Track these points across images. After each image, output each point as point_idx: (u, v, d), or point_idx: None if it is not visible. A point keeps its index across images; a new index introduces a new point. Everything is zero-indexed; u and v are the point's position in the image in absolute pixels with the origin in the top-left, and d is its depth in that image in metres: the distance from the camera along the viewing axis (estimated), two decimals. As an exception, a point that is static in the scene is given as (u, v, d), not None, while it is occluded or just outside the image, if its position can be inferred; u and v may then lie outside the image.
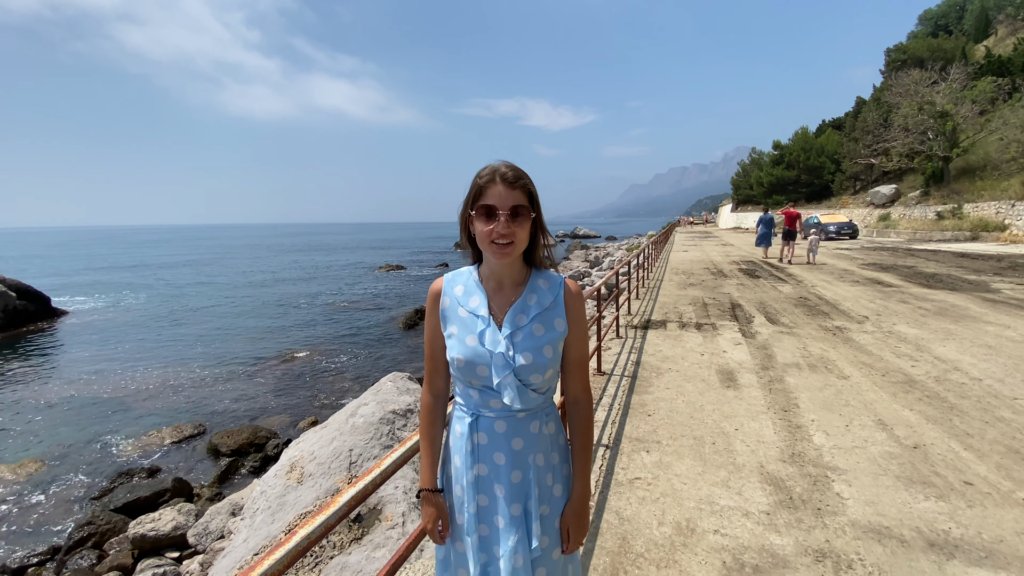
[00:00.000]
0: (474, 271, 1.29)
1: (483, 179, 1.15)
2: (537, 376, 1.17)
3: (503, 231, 1.11)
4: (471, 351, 1.18)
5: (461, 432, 1.24)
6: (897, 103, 29.02)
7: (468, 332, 1.20)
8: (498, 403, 1.19)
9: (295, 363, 11.90)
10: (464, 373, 1.20)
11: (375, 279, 29.25)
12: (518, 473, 1.20)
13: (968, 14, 45.71)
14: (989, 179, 23.36)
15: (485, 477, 1.22)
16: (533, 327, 1.19)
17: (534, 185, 1.18)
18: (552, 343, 1.19)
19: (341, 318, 17.49)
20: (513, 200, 1.12)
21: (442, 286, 1.28)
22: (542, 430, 1.23)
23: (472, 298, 1.24)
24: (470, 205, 1.18)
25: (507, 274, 1.23)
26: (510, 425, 1.20)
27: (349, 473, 3.80)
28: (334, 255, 51.18)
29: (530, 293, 1.23)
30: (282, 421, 8.41)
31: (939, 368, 4.69)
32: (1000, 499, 2.57)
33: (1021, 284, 9.27)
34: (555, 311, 1.21)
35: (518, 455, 1.20)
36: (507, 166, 1.16)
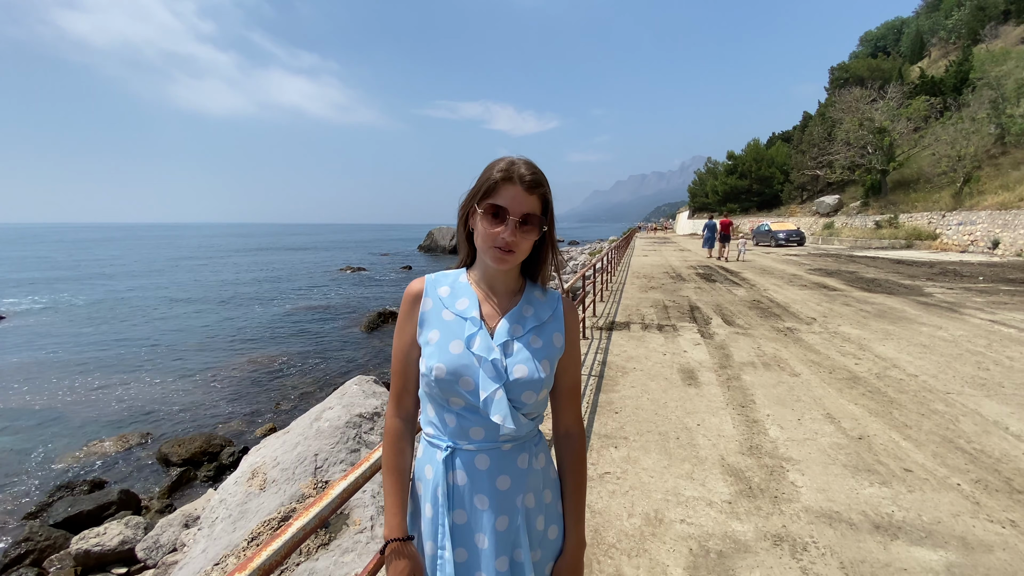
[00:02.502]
0: (462, 274, 1.13)
1: (498, 174, 1.00)
2: (531, 395, 1.01)
3: (509, 238, 0.97)
4: (455, 360, 1.00)
5: (433, 472, 1.03)
6: (840, 119, 30.82)
7: (453, 337, 1.03)
8: (479, 432, 1.00)
9: (251, 368, 11.47)
10: (443, 388, 1.00)
11: (336, 281, 28.57)
12: (504, 519, 1.00)
13: (905, 37, 49.11)
14: (922, 191, 25.13)
15: (464, 526, 1.01)
16: (530, 338, 1.04)
17: (551, 194, 1.05)
18: (550, 359, 1.05)
19: (300, 321, 17.00)
20: (527, 207, 0.99)
21: (423, 286, 1.10)
22: (532, 464, 1.05)
23: (460, 300, 1.08)
24: (477, 199, 1.02)
25: (502, 281, 1.09)
26: (494, 460, 1.01)
27: (315, 479, 3.71)
28: (293, 256, 49.68)
29: (526, 304, 1.09)
30: (238, 428, 8.09)
31: (880, 366, 5.02)
32: (937, 484, 2.79)
33: (951, 289, 10.02)
34: (554, 325, 1.08)
35: (504, 497, 1.01)
36: (527, 166, 1.01)
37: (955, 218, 20.56)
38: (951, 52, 39.49)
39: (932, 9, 48.01)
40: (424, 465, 1.06)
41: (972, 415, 3.74)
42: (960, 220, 20.20)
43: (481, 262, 1.09)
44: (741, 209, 45.86)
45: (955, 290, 9.81)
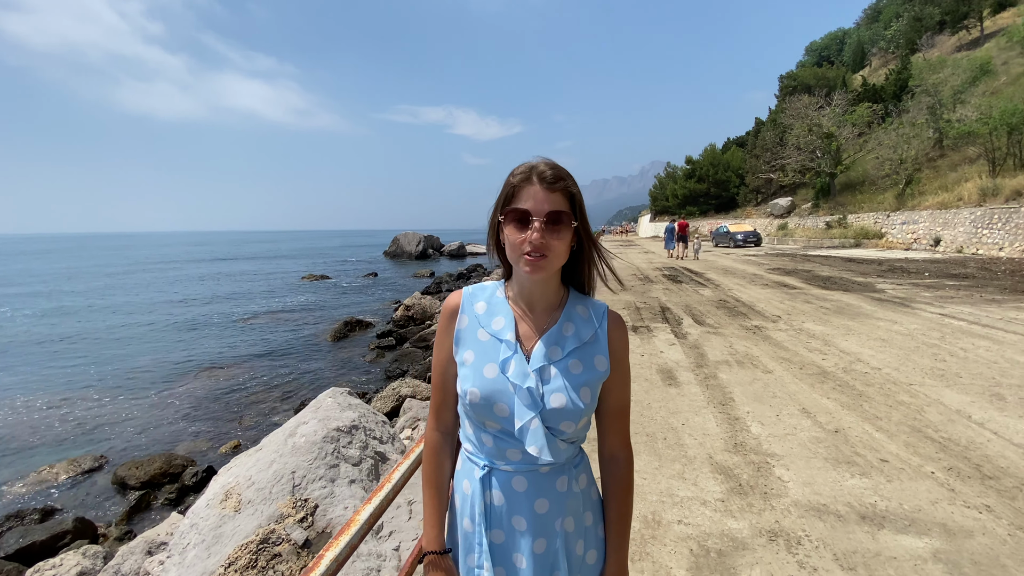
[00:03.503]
0: (500, 287, 1.09)
1: (517, 178, 0.97)
2: (569, 424, 0.96)
3: (537, 241, 0.92)
4: (489, 384, 0.97)
5: (471, 489, 1.02)
6: (790, 124, 32.24)
7: (487, 360, 0.99)
8: (517, 453, 0.97)
9: (209, 383, 10.96)
10: (478, 411, 0.98)
11: (298, 290, 27.71)
12: (542, 542, 0.98)
13: (847, 47, 51.95)
14: (868, 193, 26.54)
15: (501, 545, 0.99)
16: (569, 363, 0.98)
17: (578, 188, 0.99)
18: (591, 385, 0.98)
19: (261, 333, 16.38)
20: (551, 204, 0.93)
21: (460, 301, 1.07)
22: (571, 487, 1.01)
23: (496, 319, 1.03)
24: (500, 209, 0.99)
25: (540, 294, 1.03)
26: (532, 482, 0.98)
27: (293, 497, 3.55)
28: (252, 265, 47.89)
29: (566, 321, 1.02)
30: (199, 447, 7.70)
31: (845, 360, 5.23)
32: (913, 473, 2.90)
33: (900, 284, 10.58)
34: (596, 346, 1.01)
35: (542, 520, 0.98)
36: (546, 164, 0.97)
37: (899, 218, 21.78)
38: (890, 61, 42.02)
39: (872, 20, 51.03)
40: (463, 479, 1.04)
41: (936, 405, 3.93)
42: (903, 220, 21.42)
43: (517, 275, 1.04)
44: (700, 212, 47.29)
45: (904, 286, 10.36)
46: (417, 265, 40.67)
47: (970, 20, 35.12)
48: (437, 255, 48.80)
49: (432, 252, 48.07)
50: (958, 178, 20.68)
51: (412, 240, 47.90)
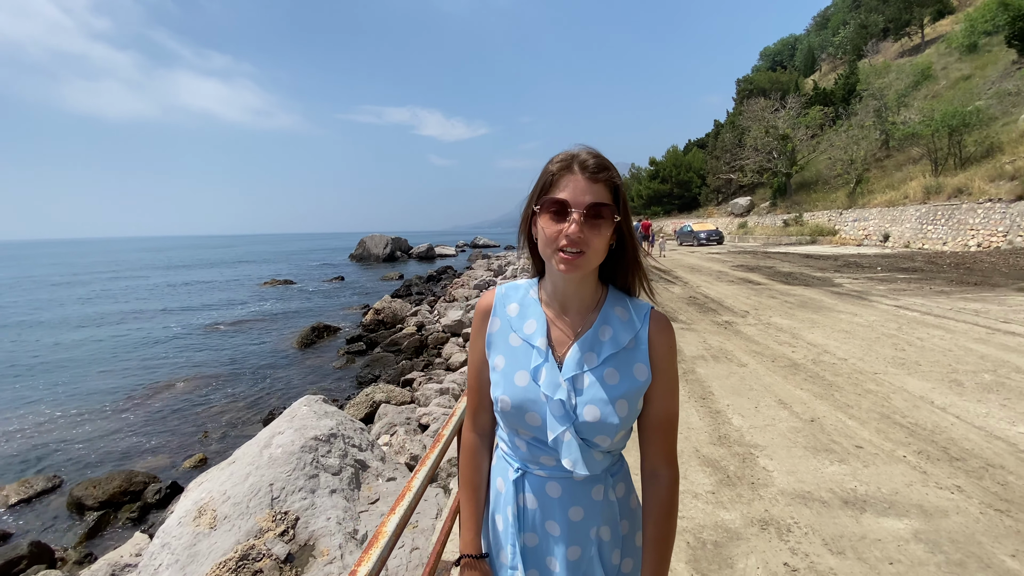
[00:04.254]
0: (533, 286, 1.01)
1: (556, 166, 0.90)
2: (605, 438, 0.90)
3: (574, 235, 0.84)
4: (520, 393, 0.91)
5: (505, 488, 0.98)
6: (748, 127, 33.38)
7: (518, 367, 0.94)
8: (551, 460, 0.93)
9: (170, 395, 10.46)
10: (509, 419, 0.94)
11: (260, 295, 26.81)
12: (576, 549, 0.93)
13: (798, 52, 54.23)
14: (821, 192, 27.75)
15: (535, 548, 0.96)
16: (605, 371, 0.91)
17: (622, 181, 0.91)
18: (629, 398, 0.90)
19: (223, 342, 15.76)
20: (593, 196, 0.85)
21: (492, 301, 1.01)
22: (608, 496, 0.95)
23: (528, 322, 0.97)
24: (536, 199, 0.91)
25: (575, 294, 0.95)
26: (566, 489, 0.93)
27: (273, 510, 3.41)
28: (211, 271, 46.03)
29: (603, 325, 0.94)
30: (161, 462, 7.34)
31: (813, 352, 5.42)
32: (887, 458, 3.03)
33: (856, 279, 11.08)
34: (635, 353, 0.92)
35: (576, 527, 0.93)
36: (589, 152, 0.90)
37: (851, 215, 22.85)
38: (839, 66, 44.08)
39: (821, 27, 53.42)
40: (497, 476, 1.02)
41: (900, 392, 4.12)
42: (855, 217, 22.48)
43: (551, 273, 0.96)
44: (664, 211, 48.39)
45: (860, 280, 10.86)
46: (385, 268, 40.01)
47: (912, 27, 37.24)
48: (405, 257, 48.17)
49: (400, 254, 47.42)
50: (904, 177, 21.86)
51: (379, 242, 47.13)
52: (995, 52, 24.75)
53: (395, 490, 4.38)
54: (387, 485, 4.40)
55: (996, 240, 14.94)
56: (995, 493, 2.61)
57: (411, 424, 6.85)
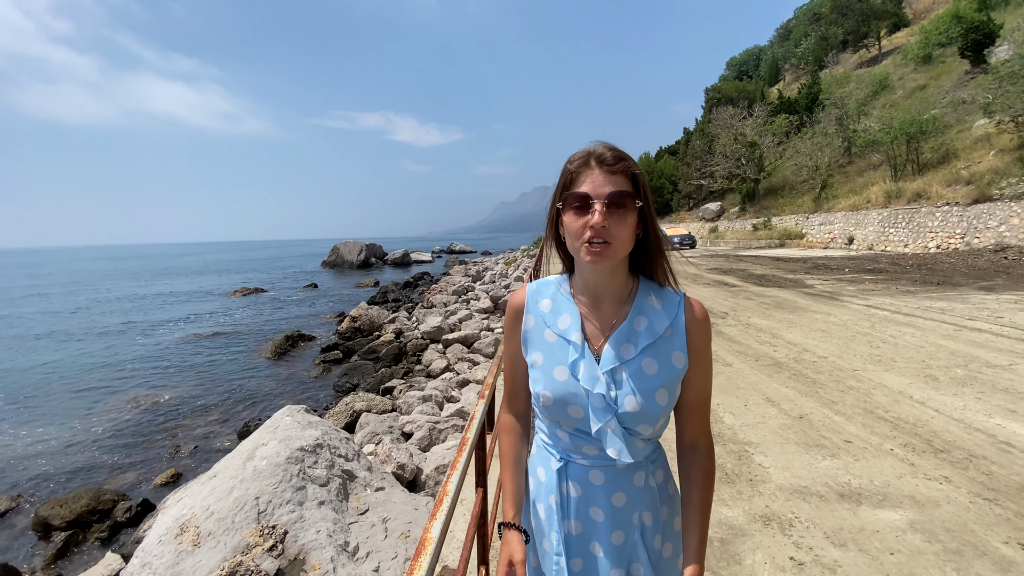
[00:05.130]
0: (564, 281, 1.03)
1: (575, 164, 0.92)
2: (647, 427, 0.92)
3: (599, 225, 0.86)
4: (561, 387, 0.94)
5: (547, 478, 1.00)
6: (717, 134, 34.26)
7: (557, 362, 0.96)
8: (593, 449, 0.95)
9: (136, 409, 10.03)
10: (551, 413, 0.96)
11: (231, 305, 26.03)
12: (620, 534, 0.96)
13: (763, 63, 56.00)
14: (788, 197, 28.62)
15: (579, 536, 0.98)
16: (643, 362, 0.93)
17: (641, 169, 0.94)
18: (668, 386, 0.92)
19: (193, 353, 15.21)
20: (612, 185, 0.88)
21: (524, 299, 1.03)
22: (648, 482, 0.98)
23: (562, 317, 0.99)
24: (558, 197, 0.94)
25: (606, 286, 0.96)
26: (609, 477, 0.96)
27: (260, 524, 3.27)
28: (176, 280, 44.46)
29: (638, 315, 0.95)
30: (131, 479, 7.01)
31: (794, 351, 5.55)
32: (875, 451, 3.10)
33: (826, 280, 11.44)
34: (673, 341, 0.94)
35: (620, 513, 0.96)
36: (604, 146, 0.92)
37: (817, 219, 23.63)
38: (801, 76, 45.69)
39: (783, 39, 55.31)
40: (537, 465, 1.04)
41: (880, 388, 4.24)
42: (821, 221, 23.25)
43: (580, 267, 0.98)
44: (638, 216, 49.09)
45: (830, 281, 11.21)
46: (359, 275, 39.40)
47: (869, 39, 38.94)
48: (381, 264, 47.58)
49: (375, 261, 46.82)
50: (865, 183, 22.74)
51: (353, 249, 46.45)
52: (948, 63, 26.07)
53: (384, 499, 4.28)
54: (375, 495, 4.29)
55: (954, 242, 15.65)
56: (981, 483, 2.69)
57: (394, 433, 6.72)
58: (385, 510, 4.08)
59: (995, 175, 15.69)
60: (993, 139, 17.71)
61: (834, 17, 41.10)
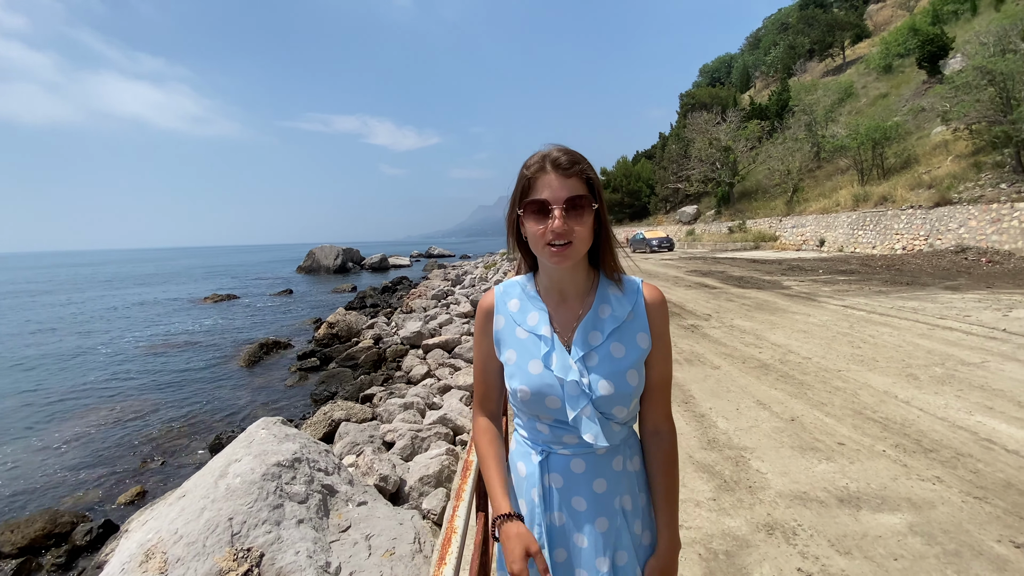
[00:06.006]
0: (529, 281, 1.08)
1: (531, 169, 0.96)
2: (621, 408, 0.97)
3: (559, 229, 0.91)
4: (537, 380, 0.98)
5: (528, 473, 1.03)
6: (693, 139, 34.88)
7: (530, 357, 1.00)
8: (573, 438, 0.99)
9: (100, 423, 9.53)
10: (530, 406, 1.00)
11: (202, 312, 25.17)
12: (603, 521, 0.99)
13: (734, 70, 57.35)
14: (762, 200, 29.27)
15: (561, 528, 1.00)
16: (611, 346, 0.98)
17: (595, 171, 0.99)
18: (636, 366, 0.98)
19: (160, 362, 14.61)
20: (569, 190, 0.93)
21: (493, 301, 1.08)
22: (627, 466, 1.02)
23: (530, 314, 1.04)
24: (517, 202, 0.98)
25: (570, 281, 1.02)
26: (590, 464, 1.00)
27: (234, 548, 3.07)
28: (144, 287, 42.80)
29: (601, 304, 1.02)
30: (91, 499, 6.62)
31: (779, 352, 5.57)
32: (868, 453, 3.08)
33: (802, 281, 11.65)
34: (635, 323, 1.01)
35: (601, 499, 1.00)
36: (559, 150, 0.96)
37: (789, 222, 24.19)
38: (771, 83, 46.92)
39: (753, 47, 56.79)
40: (517, 461, 1.07)
41: (866, 388, 4.27)
42: (793, 224, 23.82)
43: (544, 266, 1.03)
44: (616, 220, 49.60)
45: (806, 282, 11.42)
46: (336, 280, 38.70)
47: (834, 49, 40.27)
48: (358, 268, 46.85)
49: (352, 266, 46.09)
50: (834, 186, 23.40)
51: (329, 254, 45.62)
52: (908, 73, 27.10)
53: (367, 515, 4.09)
54: (358, 510, 4.10)
55: (919, 243, 16.18)
56: (970, 481, 2.69)
57: (375, 442, 6.52)
58: (368, 526, 3.90)
59: (953, 179, 16.32)
60: (950, 145, 18.44)
61: (801, 27, 42.40)
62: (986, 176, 15.33)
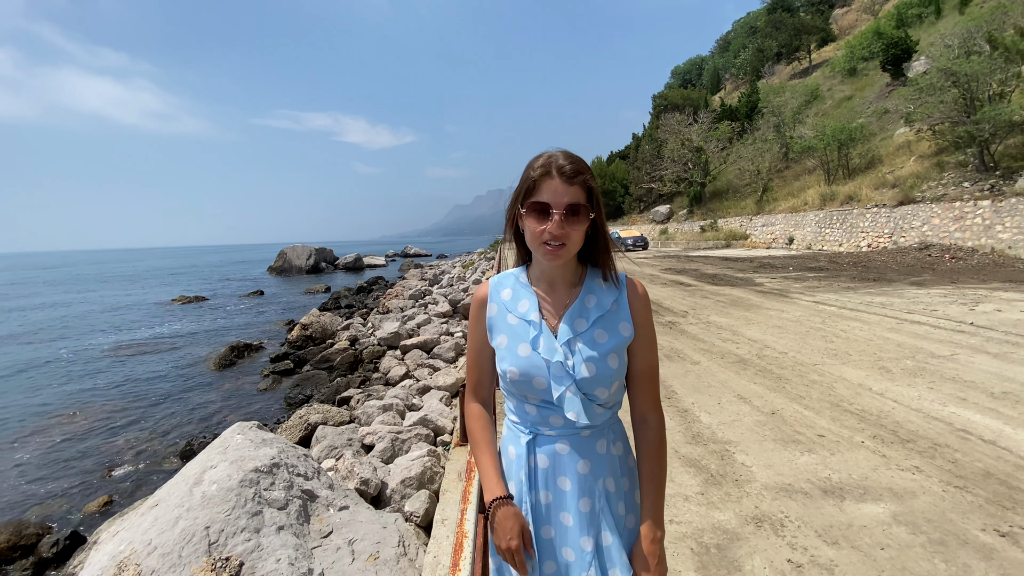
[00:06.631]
0: (522, 272, 1.16)
1: (536, 171, 1.01)
2: (603, 390, 1.03)
3: (556, 231, 0.98)
4: (525, 362, 1.05)
5: (517, 454, 1.09)
6: (665, 139, 35.41)
7: (519, 341, 1.07)
8: (559, 420, 1.05)
9: (64, 430, 9.11)
10: (519, 387, 1.06)
11: (170, 315, 24.30)
12: (587, 501, 1.05)
13: (705, 72, 58.43)
14: (732, 200, 29.92)
15: (548, 505, 1.06)
16: (594, 333, 1.06)
17: (596, 180, 1.06)
18: (617, 351, 1.05)
19: (126, 367, 14.06)
20: (571, 197, 0.99)
21: (487, 291, 1.16)
22: (610, 450, 1.08)
23: (521, 302, 1.11)
24: (520, 201, 1.04)
25: (560, 274, 1.10)
26: (574, 445, 1.06)
27: (211, 558, 2.95)
28: (107, 289, 41.05)
29: (588, 294, 1.09)
30: (56, 509, 6.33)
31: (756, 347, 5.68)
32: (848, 444, 3.16)
33: (773, 278, 11.94)
34: (618, 313, 1.08)
35: (585, 480, 1.05)
36: (565, 156, 1.02)
37: (759, 221, 24.79)
38: (741, 85, 48.00)
39: (723, 50, 58.05)
40: (508, 445, 1.13)
41: (841, 381, 4.38)
42: (763, 222, 24.41)
43: (537, 260, 1.10)
44: (591, 219, 49.95)
45: (777, 279, 11.70)
46: (309, 280, 37.91)
47: (801, 52, 41.43)
48: (331, 269, 46.00)
49: (325, 266, 45.24)
50: (802, 186, 24.08)
51: (302, 254, 44.70)
52: (871, 76, 28.07)
53: (349, 519, 4.00)
54: (340, 515, 4.00)
55: (883, 241, 16.78)
56: (949, 471, 2.78)
57: (354, 446, 6.39)
58: (351, 531, 3.81)
59: (916, 179, 16.97)
60: (913, 146, 19.18)
61: (769, 31, 43.50)
62: (949, 175, 15.99)
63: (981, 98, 15.05)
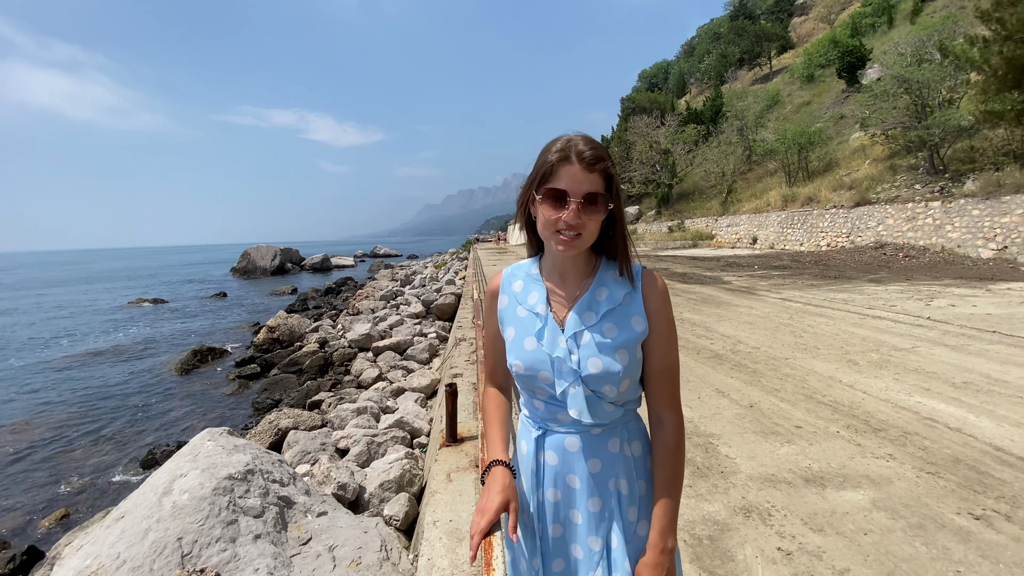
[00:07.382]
0: (534, 263, 1.12)
1: (554, 156, 0.95)
2: (611, 388, 0.97)
3: (572, 221, 0.92)
4: (530, 356, 1.01)
5: (527, 449, 1.07)
6: (634, 141, 35.99)
7: (526, 334, 1.04)
8: (568, 416, 1.01)
9: (15, 441, 8.56)
10: (524, 381, 1.04)
11: (127, 318, 23.19)
12: (596, 501, 1.01)
13: (671, 76, 59.70)
14: (699, 201, 30.66)
15: (557, 504, 1.03)
16: (603, 327, 0.99)
17: (616, 169, 0.99)
18: (628, 347, 0.98)
19: (82, 374, 13.34)
20: (590, 185, 0.93)
21: (500, 282, 1.13)
22: (623, 450, 1.02)
23: (531, 294, 1.08)
24: (535, 186, 0.97)
25: (572, 264, 1.05)
26: (584, 443, 1.01)
27: (185, 570, 2.80)
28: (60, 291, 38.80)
29: (599, 287, 1.03)
30: (12, 523, 5.95)
31: (729, 343, 5.82)
32: (825, 435, 3.25)
33: (740, 276, 12.28)
34: (631, 307, 1.00)
35: (596, 480, 1.01)
36: (585, 142, 0.95)
37: (724, 221, 25.49)
38: (705, 89, 49.24)
39: (688, 55, 59.42)
40: (520, 440, 1.11)
41: (813, 374, 4.52)
42: (728, 223, 25.11)
43: (549, 250, 1.05)
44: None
45: (744, 277, 12.04)
46: (274, 282, 36.86)
47: (762, 59, 42.81)
48: (297, 269, 44.86)
49: (291, 266, 44.09)
50: (765, 188, 24.88)
51: (266, 254, 43.43)
52: (828, 82, 29.25)
53: (328, 525, 3.88)
54: (318, 521, 3.88)
55: (841, 240, 17.50)
56: (921, 458, 2.89)
57: (328, 450, 6.24)
58: (330, 537, 3.70)
59: (872, 181, 17.76)
60: (868, 149, 20.07)
61: (731, 37, 44.79)
62: (901, 178, 16.80)
63: (932, 104, 15.87)
